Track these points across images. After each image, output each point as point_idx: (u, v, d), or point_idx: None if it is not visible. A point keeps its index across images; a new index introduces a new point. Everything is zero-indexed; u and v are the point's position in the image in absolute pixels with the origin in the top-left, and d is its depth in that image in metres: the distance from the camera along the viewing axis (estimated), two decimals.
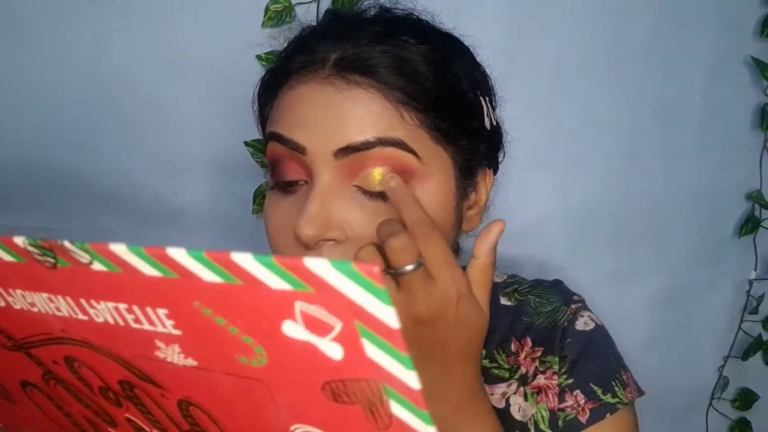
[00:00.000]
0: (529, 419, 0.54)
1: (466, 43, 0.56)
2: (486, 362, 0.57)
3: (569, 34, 0.79)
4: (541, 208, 0.82)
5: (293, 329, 0.23)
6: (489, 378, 0.56)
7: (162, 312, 0.26)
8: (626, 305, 0.86)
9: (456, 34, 0.56)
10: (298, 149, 0.47)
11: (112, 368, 0.31)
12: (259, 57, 0.74)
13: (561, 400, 0.54)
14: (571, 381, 0.54)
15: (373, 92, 0.46)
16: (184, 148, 0.79)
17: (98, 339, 0.29)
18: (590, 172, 0.83)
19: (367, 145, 0.46)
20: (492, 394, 0.56)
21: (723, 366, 0.93)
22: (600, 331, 0.58)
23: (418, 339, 0.42)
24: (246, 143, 0.77)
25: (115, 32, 0.75)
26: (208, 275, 0.23)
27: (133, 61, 0.76)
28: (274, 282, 0.22)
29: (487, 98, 0.55)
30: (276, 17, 0.74)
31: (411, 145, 0.47)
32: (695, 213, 0.87)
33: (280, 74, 0.51)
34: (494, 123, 0.55)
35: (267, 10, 0.73)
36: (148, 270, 0.24)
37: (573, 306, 0.58)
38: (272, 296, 0.22)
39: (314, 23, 0.73)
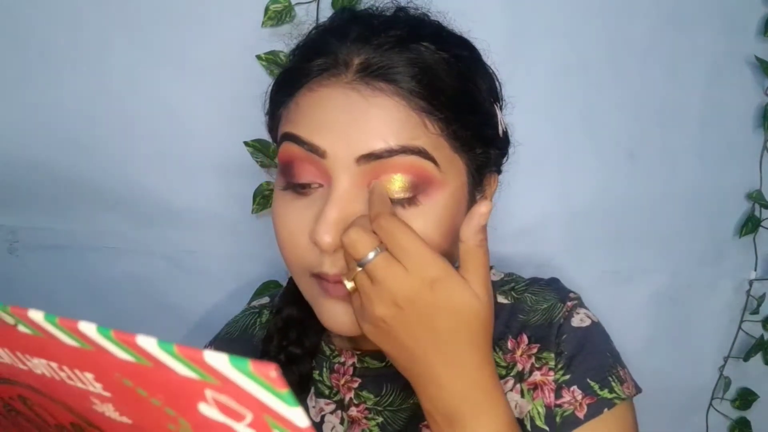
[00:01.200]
0: (525, 416, 0.54)
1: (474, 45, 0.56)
2: None
3: (569, 33, 0.79)
4: (542, 208, 0.82)
5: (209, 411, 0.23)
6: None
7: (89, 375, 0.26)
8: (626, 305, 0.86)
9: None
10: (317, 152, 0.46)
11: (60, 411, 0.31)
12: (259, 57, 0.74)
13: (558, 395, 0.53)
14: (567, 377, 0.54)
15: (398, 100, 0.46)
16: (184, 148, 0.79)
17: (41, 387, 0.29)
18: (590, 172, 0.82)
19: (390, 153, 0.45)
20: None
21: (723, 366, 0.93)
22: (596, 327, 0.57)
23: (403, 325, 0.43)
24: (246, 143, 0.77)
25: (116, 32, 0.75)
26: (118, 352, 0.23)
27: (134, 62, 0.76)
28: (181, 369, 0.22)
29: (498, 104, 0.55)
30: (276, 17, 0.74)
31: (432, 154, 0.47)
32: (695, 213, 0.87)
33: (299, 75, 0.50)
34: (505, 129, 0.56)
35: (267, 9, 0.73)
36: (66, 339, 0.24)
37: (569, 303, 0.58)
38: (182, 381, 0.22)
39: (317, 22, 0.74)
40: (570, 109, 0.81)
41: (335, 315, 0.49)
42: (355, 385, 0.58)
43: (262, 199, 0.79)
